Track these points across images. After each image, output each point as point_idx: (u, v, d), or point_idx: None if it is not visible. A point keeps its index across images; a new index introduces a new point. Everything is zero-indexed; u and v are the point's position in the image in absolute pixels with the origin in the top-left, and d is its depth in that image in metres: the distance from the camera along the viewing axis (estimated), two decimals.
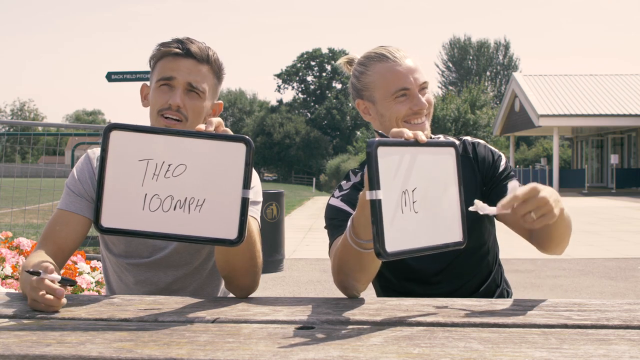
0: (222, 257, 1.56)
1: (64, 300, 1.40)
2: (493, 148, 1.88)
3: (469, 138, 1.89)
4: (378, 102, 1.78)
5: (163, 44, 1.75)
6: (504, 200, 1.33)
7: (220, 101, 1.83)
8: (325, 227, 1.81)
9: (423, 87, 1.77)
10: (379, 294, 1.94)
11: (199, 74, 1.73)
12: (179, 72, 1.71)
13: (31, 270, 1.38)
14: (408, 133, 1.31)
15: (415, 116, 1.75)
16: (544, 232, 1.62)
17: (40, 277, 1.37)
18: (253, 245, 1.55)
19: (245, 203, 1.35)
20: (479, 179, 1.82)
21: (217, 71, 1.78)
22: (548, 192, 1.35)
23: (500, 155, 1.86)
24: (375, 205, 1.23)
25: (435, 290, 1.82)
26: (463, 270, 1.84)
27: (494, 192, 1.80)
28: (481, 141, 1.89)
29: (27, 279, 1.43)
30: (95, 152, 1.86)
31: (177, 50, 1.72)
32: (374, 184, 1.23)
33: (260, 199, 1.80)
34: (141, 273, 1.83)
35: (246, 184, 1.35)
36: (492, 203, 1.71)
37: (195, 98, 1.73)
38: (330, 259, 1.66)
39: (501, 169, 1.82)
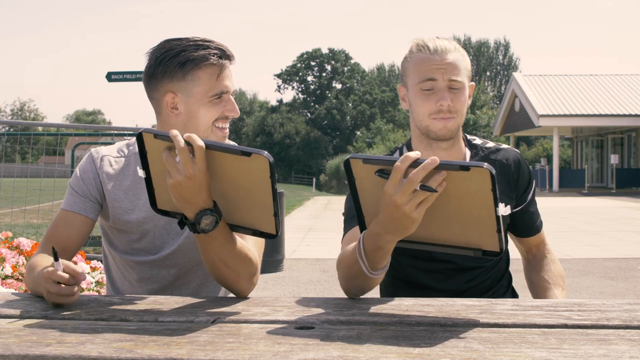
0: (206, 259, 1.53)
1: (76, 296, 1.41)
2: (530, 169, 1.96)
3: (509, 147, 1.94)
4: (409, 89, 1.81)
5: (204, 56, 1.68)
6: None
7: None
8: (343, 214, 1.81)
9: (452, 87, 1.75)
10: (387, 285, 1.93)
11: (233, 76, 1.75)
12: (230, 83, 1.72)
13: (55, 251, 1.41)
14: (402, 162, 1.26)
15: (440, 113, 1.75)
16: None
17: (53, 269, 1.39)
18: (233, 244, 1.50)
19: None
20: (513, 191, 1.89)
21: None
22: None
23: (533, 177, 1.95)
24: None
25: (447, 285, 1.82)
26: (479, 269, 1.85)
27: (520, 214, 1.92)
28: (520, 154, 1.95)
29: (40, 274, 1.46)
30: (98, 151, 1.84)
31: (226, 62, 1.71)
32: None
33: None
34: (145, 270, 1.83)
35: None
36: (517, 222, 1.94)
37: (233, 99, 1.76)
38: (341, 251, 1.67)
39: (530, 194, 1.93)
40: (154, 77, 1.72)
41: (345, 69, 62.16)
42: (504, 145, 1.92)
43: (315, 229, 12.49)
